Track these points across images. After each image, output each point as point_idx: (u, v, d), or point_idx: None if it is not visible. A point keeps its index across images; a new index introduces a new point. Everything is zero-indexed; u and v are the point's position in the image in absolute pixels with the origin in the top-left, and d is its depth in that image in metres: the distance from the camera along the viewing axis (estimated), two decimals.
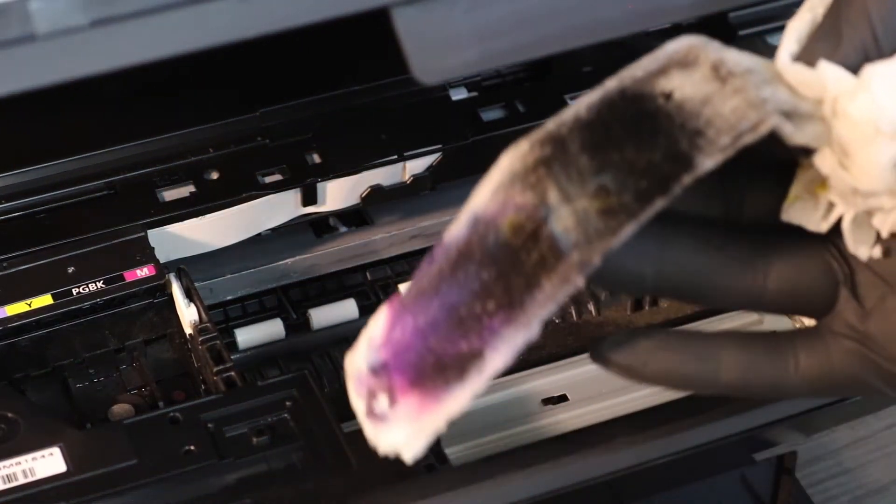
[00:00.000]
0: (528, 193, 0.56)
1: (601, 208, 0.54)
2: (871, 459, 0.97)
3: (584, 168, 0.55)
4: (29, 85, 0.54)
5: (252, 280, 0.82)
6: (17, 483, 0.66)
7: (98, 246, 0.76)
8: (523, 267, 0.55)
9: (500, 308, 0.55)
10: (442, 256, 0.57)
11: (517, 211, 0.56)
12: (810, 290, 0.58)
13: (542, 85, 0.87)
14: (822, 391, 0.59)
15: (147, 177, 0.81)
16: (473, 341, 0.55)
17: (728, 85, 0.54)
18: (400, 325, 0.57)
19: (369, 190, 0.83)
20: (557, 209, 0.55)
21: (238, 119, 0.83)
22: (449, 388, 0.55)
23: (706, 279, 0.58)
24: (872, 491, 0.95)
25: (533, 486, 0.66)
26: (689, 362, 0.58)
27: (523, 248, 0.55)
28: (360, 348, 0.58)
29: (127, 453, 0.67)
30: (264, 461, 0.67)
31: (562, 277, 0.54)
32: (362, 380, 0.57)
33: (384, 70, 0.84)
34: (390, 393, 0.56)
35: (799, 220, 0.58)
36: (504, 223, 0.56)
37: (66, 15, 0.53)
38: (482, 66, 0.61)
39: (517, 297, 0.55)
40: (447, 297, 0.56)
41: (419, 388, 0.56)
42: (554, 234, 0.55)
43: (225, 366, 0.72)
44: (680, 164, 0.53)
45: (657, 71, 0.56)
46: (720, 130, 0.53)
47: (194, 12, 0.55)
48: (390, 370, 0.57)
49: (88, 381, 0.77)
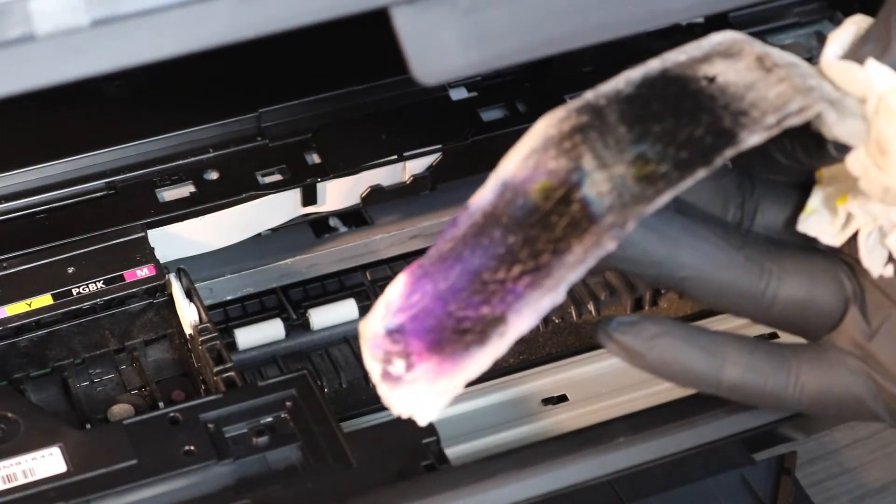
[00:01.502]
0: (561, 159, 0.57)
1: (639, 175, 0.55)
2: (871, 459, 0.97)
3: (623, 137, 0.56)
4: (29, 85, 0.54)
5: (252, 280, 0.82)
6: (16, 483, 0.65)
7: (98, 246, 0.76)
8: (552, 231, 0.55)
9: (526, 272, 0.55)
10: (466, 222, 0.57)
11: (549, 175, 0.56)
12: (821, 302, 0.58)
13: (542, 85, 0.87)
14: (819, 407, 0.59)
15: (147, 177, 0.81)
16: (496, 305, 0.55)
17: (773, 74, 0.56)
18: (419, 290, 0.57)
19: (369, 190, 0.83)
20: (592, 174, 0.56)
21: (238, 119, 0.83)
22: (468, 352, 0.55)
23: (721, 275, 0.58)
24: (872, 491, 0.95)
25: (533, 486, 0.66)
26: (693, 354, 0.58)
27: (553, 211, 0.56)
28: (377, 312, 0.58)
29: (127, 453, 0.67)
30: (264, 461, 0.67)
31: (593, 240, 0.54)
32: (378, 343, 0.58)
33: (384, 70, 0.84)
34: (407, 356, 0.57)
35: (815, 233, 0.59)
36: (534, 188, 0.56)
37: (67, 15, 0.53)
38: (482, 67, 0.61)
39: (544, 260, 0.55)
40: (470, 262, 0.57)
41: (437, 352, 0.56)
42: (587, 198, 0.55)
43: (225, 366, 0.72)
44: (724, 137, 0.54)
45: (701, 57, 0.57)
46: (765, 111, 0.55)
47: (194, 12, 0.55)
48: (407, 334, 0.57)
49: (88, 381, 0.77)
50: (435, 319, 0.57)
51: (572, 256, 0.54)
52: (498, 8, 0.60)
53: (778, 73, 0.56)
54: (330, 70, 0.85)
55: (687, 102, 0.56)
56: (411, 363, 0.57)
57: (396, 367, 0.57)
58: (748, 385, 0.58)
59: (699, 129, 0.55)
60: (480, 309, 0.56)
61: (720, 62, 0.57)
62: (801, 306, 0.59)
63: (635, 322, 0.58)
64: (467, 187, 0.85)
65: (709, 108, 0.56)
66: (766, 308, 0.59)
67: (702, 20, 0.89)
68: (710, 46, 0.58)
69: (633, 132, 0.56)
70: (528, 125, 0.84)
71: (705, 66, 0.57)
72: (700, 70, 0.57)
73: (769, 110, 0.55)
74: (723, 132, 0.55)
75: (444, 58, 0.60)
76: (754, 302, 0.59)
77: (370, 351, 0.58)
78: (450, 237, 0.58)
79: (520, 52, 0.62)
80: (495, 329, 0.55)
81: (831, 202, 0.58)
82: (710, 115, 0.55)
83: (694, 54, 0.58)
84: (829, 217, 0.58)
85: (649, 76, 0.57)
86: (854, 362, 0.58)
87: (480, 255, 0.57)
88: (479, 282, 0.56)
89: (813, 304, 0.59)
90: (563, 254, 0.55)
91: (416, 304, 0.57)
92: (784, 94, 0.55)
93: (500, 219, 0.57)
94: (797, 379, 0.58)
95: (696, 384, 0.59)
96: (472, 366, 0.55)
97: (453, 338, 0.56)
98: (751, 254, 0.58)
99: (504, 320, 0.55)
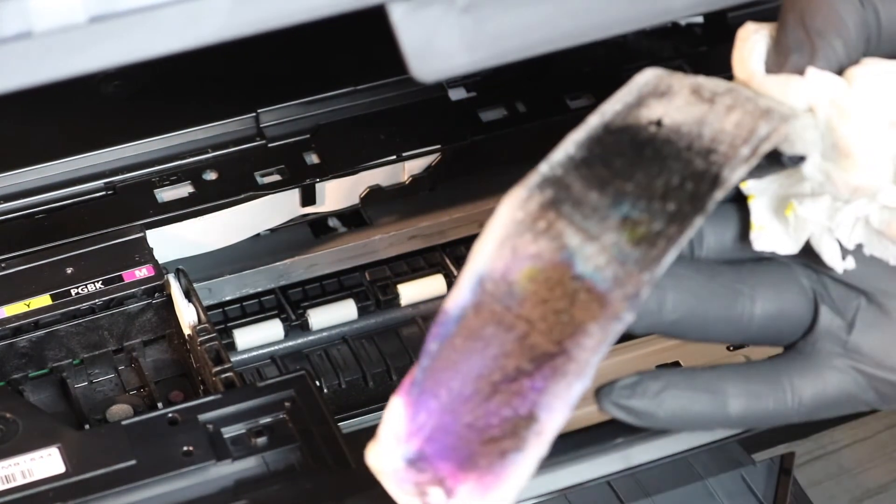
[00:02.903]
0: (541, 240, 0.54)
1: (634, 238, 0.53)
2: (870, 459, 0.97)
3: (598, 203, 0.54)
4: (26, 82, 0.54)
5: (251, 280, 0.82)
6: (15, 483, 0.65)
7: (97, 246, 0.76)
8: (559, 316, 0.52)
9: (541, 364, 0.52)
10: (449, 327, 0.54)
11: (533, 260, 0.53)
12: (791, 310, 0.59)
13: (542, 84, 0.87)
14: (818, 412, 0.59)
15: (146, 177, 0.81)
16: (519, 405, 0.52)
17: (717, 104, 0.55)
18: (423, 409, 0.54)
19: (368, 190, 0.83)
20: (581, 249, 0.53)
21: (237, 119, 0.83)
22: (507, 460, 0.52)
23: (706, 309, 0.58)
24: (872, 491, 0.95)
25: (533, 486, 0.66)
26: (698, 399, 0.58)
27: (552, 297, 0.53)
28: (386, 445, 0.54)
29: (125, 454, 0.66)
30: (263, 462, 0.67)
31: (610, 315, 0.52)
32: (403, 477, 0.54)
33: (383, 70, 0.84)
34: (441, 483, 0.53)
35: (772, 247, 0.58)
36: (519, 277, 0.53)
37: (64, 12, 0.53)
38: (480, 65, 0.61)
39: (560, 347, 0.52)
40: (469, 368, 0.53)
41: (471, 469, 0.53)
42: (585, 274, 0.53)
43: (224, 366, 0.72)
44: (705, 181, 0.53)
45: (635, 102, 0.55)
46: (733, 144, 0.53)
47: (191, 9, 0.55)
48: (431, 459, 0.53)
49: (87, 381, 0.77)
50: (454, 436, 0.53)
51: (591, 338, 0.52)
52: (496, 6, 0.60)
53: (722, 101, 0.55)
54: (328, 70, 0.85)
55: (646, 152, 0.54)
56: (449, 488, 0.53)
57: (436, 498, 0.53)
58: (753, 412, 0.58)
59: (675, 178, 0.53)
60: (501, 412, 0.52)
61: (656, 103, 0.55)
62: (775, 318, 0.59)
63: (636, 382, 0.57)
64: (466, 187, 0.85)
65: (674, 154, 0.54)
66: (745, 328, 0.59)
67: (701, 19, 0.89)
68: (639, 89, 0.56)
69: (605, 196, 0.54)
70: (527, 125, 0.85)
71: (644, 111, 0.55)
72: (641, 116, 0.55)
73: (737, 142, 0.53)
74: (702, 175, 0.53)
75: (441, 56, 0.60)
76: (736, 325, 0.59)
77: (398, 488, 0.54)
78: (435, 348, 0.54)
79: (518, 51, 0.62)
80: (528, 429, 0.52)
81: (779, 214, 0.58)
82: (678, 161, 0.53)
83: (627, 100, 0.55)
84: (781, 228, 0.58)
85: (594, 134, 0.55)
86: (840, 361, 0.59)
87: (479, 357, 0.53)
88: (487, 385, 0.53)
89: (784, 313, 0.59)
90: (580, 337, 0.52)
91: (427, 425, 0.54)
92: (742, 122, 0.54)
93: (489, 316, 0.53)
94: (793, 392, 0.59)
95: (705, 426, 0.59)
96: (517, 472, 0.52)
97: (483, 450, 0.52)
98: (722, 280, 0.59)
99: (535, 418, 0.52)
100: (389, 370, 0.81)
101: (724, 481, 0.79)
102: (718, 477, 0.80)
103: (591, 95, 0.86)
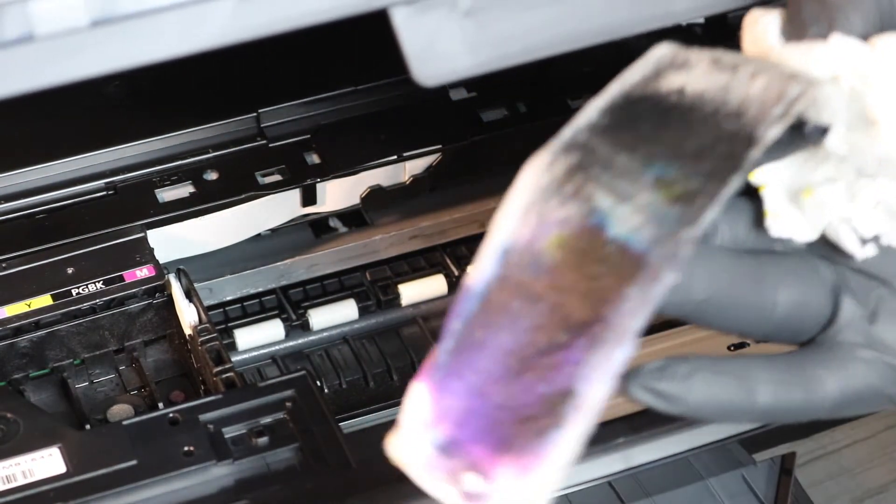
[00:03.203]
0: (569, 205, 0.51)
1: (672, 197, 0.51)
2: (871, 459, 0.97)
3: (628, 165, 0.52)
4: (28, 86, 0.54)
5: (252, 280, 0.82)
6: (16, 484, 0.65)
7: (98, 246, 0.76)
8: (592, 283, 0.50)
9: (577, 334, 0.50)
10: (472, 304, 0.51)
11: (561, 226, 0.51)
12: (813, 300, 0.58)
13: (542, 85, 0.87)
14: (845, 408, 0.58)
15: (147, 177, 0.81)
16: (554, 380, 0.49)
17: (740, 72, 0.53)
18: (448, 392, 0.51)
19: (369, 190, 0.83)
20: (614, 211, 0.51)
21: (237, 119, 0.83)
22: (546, 439, 0.49)
23: (735, 292, 0.57)
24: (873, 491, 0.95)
25: None
26: (727, 385, 0.56)
27: (584, 263, 0.50)
28: (411, 433, 0.51)
29: (126, 454, 0.67)
30: (263, 462, 0.67)
31: (650, 278, 0.49)
32: (435, 464, 0.51)
33: (383, 70, 0.84)
34: (477, 468, 0.50)
35: (789, 233, 0.58)
36: (547, 245, 0.51)
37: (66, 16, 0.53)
38: (482, 69, 0.61)
39: (596, 315, 0.49)
40: (497, 345, 0.51)
41: (507, 451, 0.50)
42: (619, 237, 0.50)
43: (224, 366, 0.72)
44: (739, 140, 0.51)
45: (653, 74, 0.54)
46: (763, 106, 0.52)
47: (193, 14, 0.55)
48: (462, 443, 0.50)
49: (88, 381, 0.77)
50: (485, 418, 0.50)
51: (630, 302, 0.49)
52: (498, 9, 0.60)
53: (745, 69, 0.53)
54: (329, 70, 0.85)
55: (672, 117, 0.52)
56: (486, 473, 0.50)
57: (473, 484, 0.50)
58: (781, 403, 0.57)
59: (706, 139, 0.52)
60: (536, 389, 0.50)
61: (675, 74, 0.54)
62: (798, 307, 0.58)
63: (665, 366, 0.55)
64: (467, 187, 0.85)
65: (700, 119, 0.52)
66: (768, 317, 0.58)
67: (702, 21, 0.89)
68: (656, 61, 0.54)
69: (635, 159, 0.52)
70: (528, 125, 0.85)
71: (664, 82, 0.53)
72: (661, 86, 0.53)
73: (767, 105, 0.52)
74: (734, 135, 0.51)
75: (443, 59, 0.60)
76: (761, 312, 0.58)
77: (429, 476, 0.51)
78: (458, 327, 0.51)
79: (520, 54, 0.61)
80: (567, 404, 0.49)
81: (794, 200, 0.57)
82: (705, 126, 0.52)
83: (645, 72, 0.54)
84: (797, 214, 0.58)
85: (616, 101, 0.53)
86: (865, 352, 0.58)
87: (507, 333, 0.50)
88: (518, 362, 0.50)
89: (806, 302, 0.58)
90: (617, 301, 0.49)
91: (454, 408, 0.51)
92: (770, 86, 0.52)
93: (515, 288, 0.51)
94: (820, 385, 0.58)
95: (733, 416, 0.58)
96: (558, 451, 0.49)
97: (518, 430, 0.49)
98: (748, 264, 0.58)
99: (573, 392, 0.49)
100: (390, 370, 0.81)
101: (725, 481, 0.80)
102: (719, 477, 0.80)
103: (591, 96, 0.86)
